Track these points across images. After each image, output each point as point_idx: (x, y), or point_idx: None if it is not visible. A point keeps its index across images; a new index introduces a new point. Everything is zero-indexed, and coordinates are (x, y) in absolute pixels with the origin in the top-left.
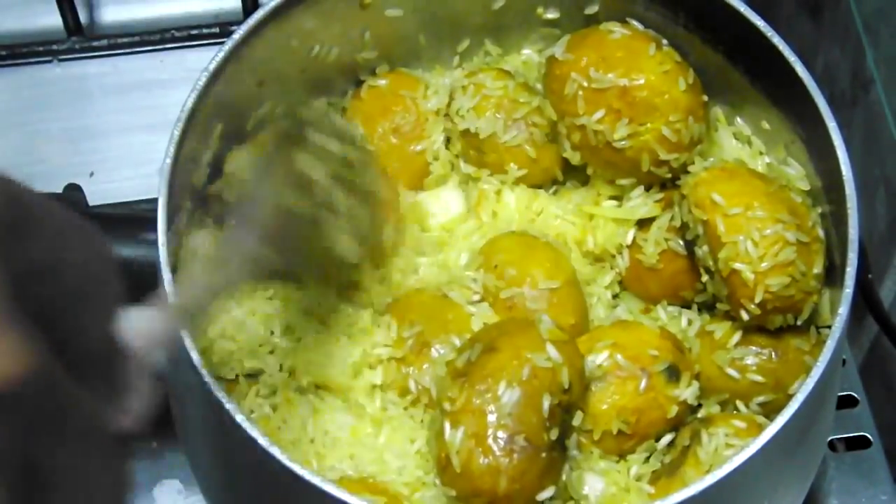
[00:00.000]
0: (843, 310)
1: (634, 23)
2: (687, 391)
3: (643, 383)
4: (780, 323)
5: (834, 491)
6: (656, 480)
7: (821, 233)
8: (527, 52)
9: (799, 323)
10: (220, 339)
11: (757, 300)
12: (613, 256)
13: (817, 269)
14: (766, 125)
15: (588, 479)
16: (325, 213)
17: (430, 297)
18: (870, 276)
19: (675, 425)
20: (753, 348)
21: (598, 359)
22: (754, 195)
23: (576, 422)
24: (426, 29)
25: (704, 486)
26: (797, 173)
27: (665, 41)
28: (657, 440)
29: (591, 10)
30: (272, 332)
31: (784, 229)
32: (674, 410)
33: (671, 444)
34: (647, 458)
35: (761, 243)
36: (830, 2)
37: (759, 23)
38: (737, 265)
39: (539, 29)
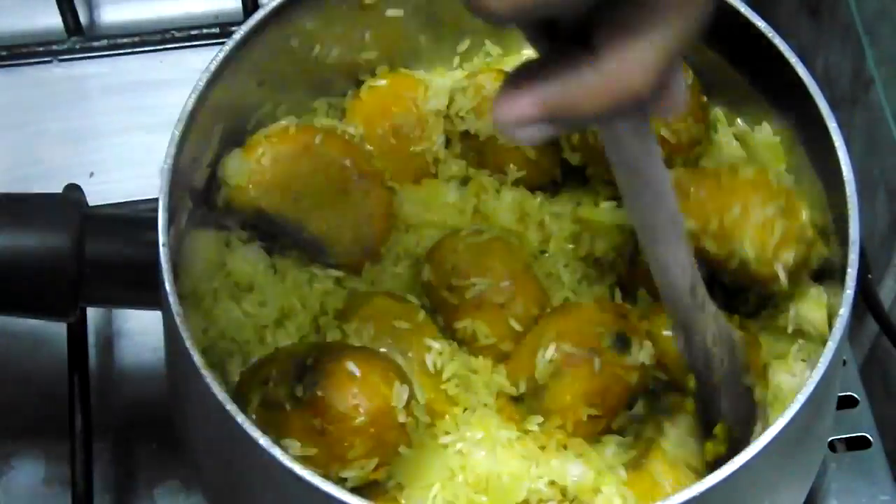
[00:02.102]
0: (845, 310)
1: None
2: (641, 355)
3: (597, 364)
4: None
5: (834, 491)
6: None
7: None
8: (527, 52)
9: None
10: (220, 339)
11: (783, 279)
12: (612, 259)
13: (805, 216)
14: (766, 126)
15: (570, 469)
16: None
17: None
18: (870, 276)
19: (643, 388)
20: None
21: (548, 354)
22: (746, 194)
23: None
24: (427, 29)
25: (705, 487)
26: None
27: None
28: (630, 408)
29: None
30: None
31: (772, 214)
32: (635, 377)
33: (637, 437)
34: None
35: (757, 234)
36: (830, 2)
37: (760, 23)
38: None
39: None
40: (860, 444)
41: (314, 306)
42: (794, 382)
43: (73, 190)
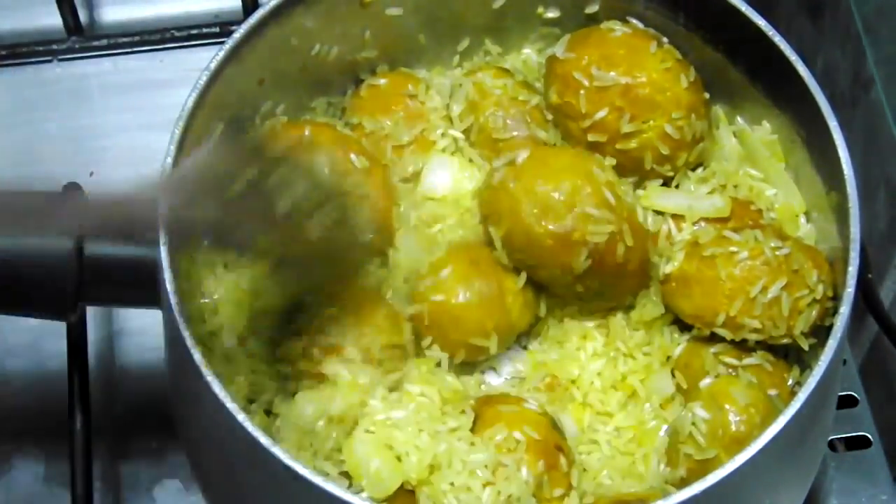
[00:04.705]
0: (844, 309)
1: (635, 21)
2: None
3: None
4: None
5: (834, 491)
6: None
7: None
8: (527, 51)
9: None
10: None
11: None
12: None
13: (813, 277)
14: (766, 125)
15: None
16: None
17: None
18: (870, 275)
19: None
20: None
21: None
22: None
23: None
24: (426, 28)
25: (706, 486)
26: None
27: (665, 39)
28: None
29: (592, 9)
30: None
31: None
32: None
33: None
34: None
35: (766, 316)
36: (830, 2)
37: (760, 22)
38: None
39: (539, 28)
40: (860, 443)
41: None
42: None
43: (73, 189)
